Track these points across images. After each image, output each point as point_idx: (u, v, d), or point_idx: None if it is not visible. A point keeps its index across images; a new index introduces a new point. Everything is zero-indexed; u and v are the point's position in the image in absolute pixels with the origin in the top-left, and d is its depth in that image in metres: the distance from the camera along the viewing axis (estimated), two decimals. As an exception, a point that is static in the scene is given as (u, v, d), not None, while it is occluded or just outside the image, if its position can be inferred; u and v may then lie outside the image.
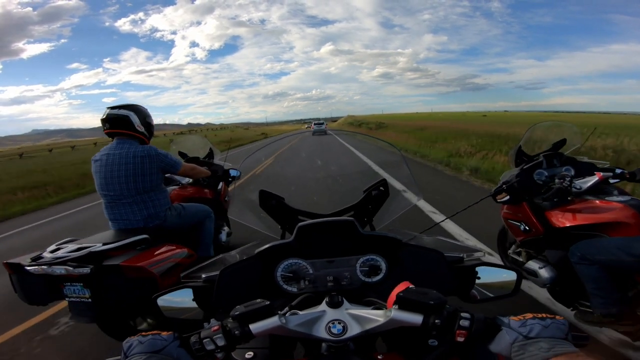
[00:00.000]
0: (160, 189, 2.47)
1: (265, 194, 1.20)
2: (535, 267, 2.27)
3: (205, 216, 2.84)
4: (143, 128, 2.46)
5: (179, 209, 2.61)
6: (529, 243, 2.42)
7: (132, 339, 0.65)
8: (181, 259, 2.23)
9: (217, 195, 3.45)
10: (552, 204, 2.18)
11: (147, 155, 2.35)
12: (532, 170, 2.41)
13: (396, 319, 0.67)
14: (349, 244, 0.98)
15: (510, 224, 2.52)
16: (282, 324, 0.68)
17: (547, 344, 0.59)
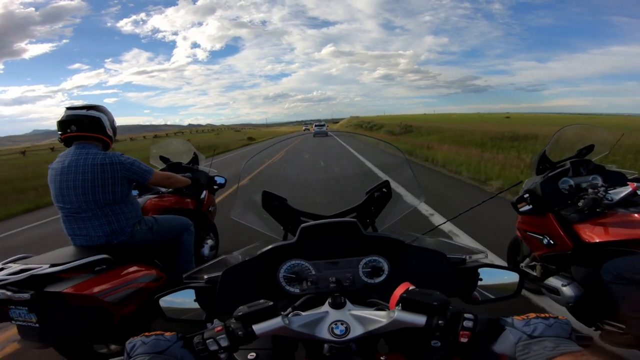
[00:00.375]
0: (126, 201, 2.19)
1: (268, 195, 1.21)
2: (558, 285, 2.06)
3: (183, 230, 2.55)
4: (112, 131, 2.22)
5: (150, 223, 2.33)
6: (551, 258, 2.23)
7: (135, 339, 0.66)
8: (146, 283, 2.01)
9: (199, 205, 3.12)
10: (582, 217, 2.00)
11: (109, 163, 2.06)
12: (557, 178, 2.23)
13: (399, 320, 0.67)
14: (352, 245, 0.99)
15: (529, 236, 2.35)
16: (285, 325, 0.68)
17: (552, 342, 0.59)
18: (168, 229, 2.45)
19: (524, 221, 2.39)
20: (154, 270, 2.11)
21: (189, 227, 2.58)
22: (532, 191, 2.22)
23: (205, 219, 3.18)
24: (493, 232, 3.87)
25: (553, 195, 2.17)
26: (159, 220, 2.41)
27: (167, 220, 2.49)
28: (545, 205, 2.18)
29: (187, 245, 2.54)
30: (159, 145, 3.63)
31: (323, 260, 0.98)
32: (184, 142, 3.79)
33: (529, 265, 2.53)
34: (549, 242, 2.16)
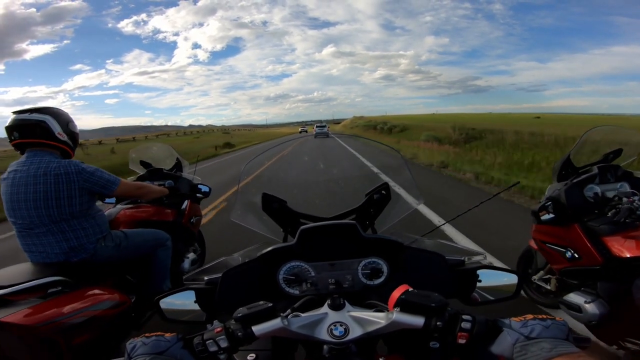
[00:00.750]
0: (88, 215, 1.96)
1: (267, 197, 1.21)
2: (580, 301, 1.89)
3: (157, 245, 2.29)
4: (66, 137, 1.95)
5: (118, 239, 2.09)
6: (573, 272, 2.05)
7: (135, 340, 0.66)
8: (104, 310, 1.77)
9: (179, 217, 2.79)
10: (613, 229, 1.85)
11: (64, 174, 1.83)
12: (582, 185, 2.04)
13: (398, 322, 0.68)
14: (351, 247, 0.99)
15: (547, 248, 2.17)
16: (285, 326, 0.68)
17: (549, 344, 0.59)
18: (139, 245, 2.21)
19: (543, 231, 2.21)
20: (116, 294, 1.87)
21: (165, 242, 2.33)
22: (556, 199, 2.06)
23: (187, 232, 2.88)
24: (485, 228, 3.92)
25: (579, 204, 2.00)
26: (129, 236, 2.18)
27: (139, 235, 2.24)
28: (570, 215, 2.01)
29: (162, 262, 2.30)
30: (138, 150, 3.34)
31: (322, 262, 0.98)
32: (166, 146, 3.46)
33: (543, 279, 2.40)
34: (572, 255, 1.99)
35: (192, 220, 2.93)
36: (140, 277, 2.26)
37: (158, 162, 3.11)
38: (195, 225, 3.04)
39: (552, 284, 2.31)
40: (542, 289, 2.40)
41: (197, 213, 3.06)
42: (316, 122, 45.83)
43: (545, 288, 2.37)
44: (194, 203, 2.98)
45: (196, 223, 3.03)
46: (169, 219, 2.67)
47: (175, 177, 2.91)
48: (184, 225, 2.81)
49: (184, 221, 2.82)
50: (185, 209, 2.87)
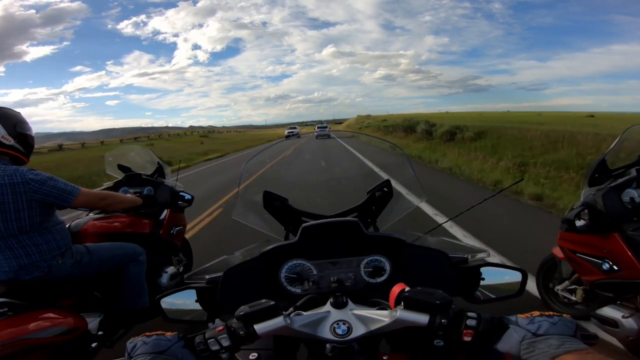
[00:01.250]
0: (42, 230, 1.74)
1: (269, 195, 1.20)
2: (617, 316, 1.78)
3: (128, 260, 2.07)
4: (13, 140, 1.71)
5: (80, 255, 1.87)
6: (608, 285, 1.91)
7: (136, 339, 0.66)
8: (52, 337, 1.58)
9: (157, 228, 2.52)
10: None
11: (9, 184, 1.62)
12: (620, 190, 1.89)
13: (402, 319, 0.67)
14: (353, 244, 0.98)
15: (578, 258, 2.00)
16: (287, 325, 0.68)
17: (557, 340, 0.58)
18: (106, 261, 1.98)
19: (574, 240, 2.03)
20: (69, 318, 1.67)
21: (138, 257, 2.11)
22: (592, 205, 1.89)
23: (166, 244, 2.62)
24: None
25: (618, 210, 1.84)
26: (94, 251, 1.95)
27: (105, 250, 2.01)
28: (609, 223, 1.85)
29: (134, 278, 2.08)
30: (115, 153, 3.08)
31: (324, 260, 0.98)
32: (146, 150, 3.18)
33: (567, 289, 2.27)
34: (610, 267, 1.84)
35: (172, 232, 2.66)
36: (108, 293, 2.06)
37: (138, 167, 2.87)
38: (178, 236, 2.76)
39: (578, 295, 2.18)
40: (566, 299, 2.28)
41: (180, 223, 2.80)
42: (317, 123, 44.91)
43: (570, 299, 2.24)
44: (175, 212, 2.71)
45: (178, 234, 2.77)
46: (144, 231, 2.43)
47: (155, 184, 2.66)
48: (162, 237, 2.55)
49: (162, 233, 2.55)
50: (164, 220, 2.60)
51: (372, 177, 1.42)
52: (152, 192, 2.59)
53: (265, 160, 1.40)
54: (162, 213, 2.61)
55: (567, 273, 2.28)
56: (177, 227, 2.73)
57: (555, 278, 2.40)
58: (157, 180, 2.71)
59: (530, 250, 3.37)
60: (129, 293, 2.07)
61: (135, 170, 2.79)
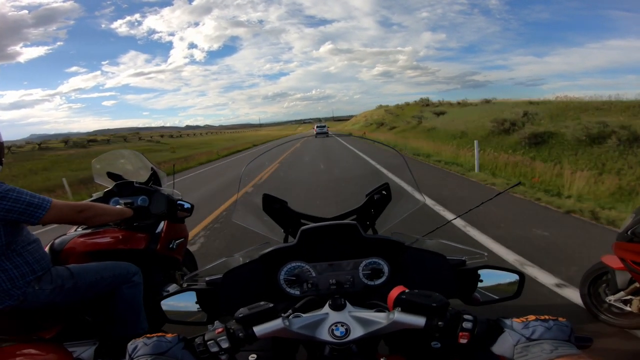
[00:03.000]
0: (10, 252, 1.50)
1: (268, 197, 1.21)
2: None
3: (120, 281, 1.79)
4: None
5: (60, 279, 1.60)
6: None
7: (137, 340, 0.66)
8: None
9: (153, 243, 2.21)
10: None
11: None
12: None
13: (399, 321, 0.68)
14: (352, 247, 0.99)
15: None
16: (286, 326, 0.68)
17: (550, 345, 0.59)
18: (92, 285, 1.70)
19: (637, 251, 2.00)
20: (52, 354, 1.43)
21: (131, 278, 1.84)
22: None
23: (165, 260, 2.33)
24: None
25: None
26: (78, 274, 1.67)
27: (91, 272, 1.72)
28: None
29: (129, 301, 1.82)
30: (103, 159, 2.69)
31: (323, 263, 0.98)
32: (137, 154, 2.79)
33: (622, 300, 2.24)
34: None
35: (172, 246, 2.34)
36: (103, 318, 1.82)
37: (130, 174, 2.57)
38: (178, 249, 2.46)
39: (634, 305, 2.17)
40: (619, 309, 2.25)
41: (180, 234, 2.49)
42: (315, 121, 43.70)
43: (624, 309, 2.22)
44: (174, 223, 2.39)
45: (179, 247, 2.47)
46: (139, 247, 2.12)
47: (149, 192, 2.37)
48: (160, 252, 2.24)
49: (160, 248, 2.23)
50: (161, 232, 2.29)
51: (371, 178, 1.43)
52: (146, 201, 2.32)
53: (265, 163, 1.40)
54: (159, 225, 2.31)
55: (622, 283, 2.24)
56: (177, 240, 2.42)
57: (607, 288, 2.35)
58: (152, 189, 2.41)
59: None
60: (124, 318, 1.81)
61: (127, 177, 2.49)
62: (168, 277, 2.39)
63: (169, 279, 2.39)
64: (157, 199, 2.33)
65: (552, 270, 2.84)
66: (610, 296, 2.29)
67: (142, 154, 2.74)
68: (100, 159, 2.67)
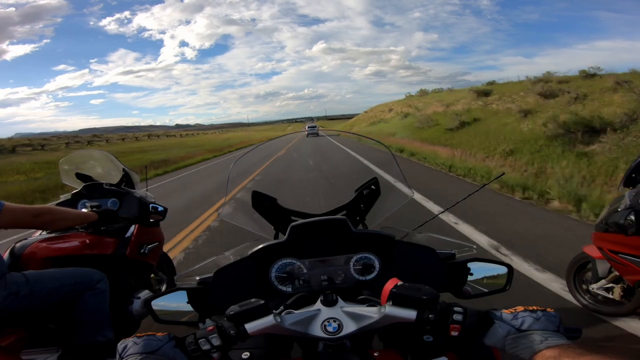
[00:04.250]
0: None
1: (257, 195, 1.20)
2: None
3: (83, 288, 1.68)
4: None
5: (17, 284, 1.52)
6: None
7: (126, 340, 0.65)
8: None
9: (122, 248, 2.08)
10: None
11: None
12: None
13: (390, 315, 0.68)
14: (342, 242, 0.99)
15: (621, 259, 2.05)
16: (277, 323, 0.68)
17: (540, 336, 0.60)
18: (51, 292, 1.59)
19: (615, 241, 2.07)
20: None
21: (95, 285, 1.72)
22: (637, 208, 1.92)
23: (136, 265, 2.20)
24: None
25: None
26: (35, 280, 1.57)
27: (50, 279, 1.62)
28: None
29: (93, 309, 1.71)
30: (71, 159, 2.54)
31: (314, 259, 0.98)
32: (107, 155, 2.61)
33: (604, 288, 2.32)
34: None
35: (143, 250, 2.20)
36: (67, 325, 1.70)
37: (100, 175, 2.44)
38: (152, 254, 2.31)
39: (615, 293, 2.24)
40: (602, 297, 2.33)
41: (154, 238, 2.34)
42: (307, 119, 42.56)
43: (607, 297, 2.30)
44: (146, 227, 2.26)
45: (152, 251, 2.31)
46: (106, 252, 1.99)
47: (120, 194, 2.26)
48: (130, 257, 2.11)
49: (129, 253, 2.10)
50: (132, 237, 2.14)
51: (360, 173, 1.43)
52: (116, 204, 2.22)
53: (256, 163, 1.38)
54: (130, 229, 2.16)
55: (603, 272, 2.32)
56: (150, 245, 2.26)
57: (590, 277, 2.42)
58: (123, 190, 2.30)
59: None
60: (88, 327, 1.69)
61: (98, 179, 2.36)
62: (141, 282, 2.27)
63: (143, 284, 2.29)
64: (128, 202, 2.23)
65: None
66: (594, 284, 2.36)
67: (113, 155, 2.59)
68: (68, 160, 2.53)
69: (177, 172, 13.48)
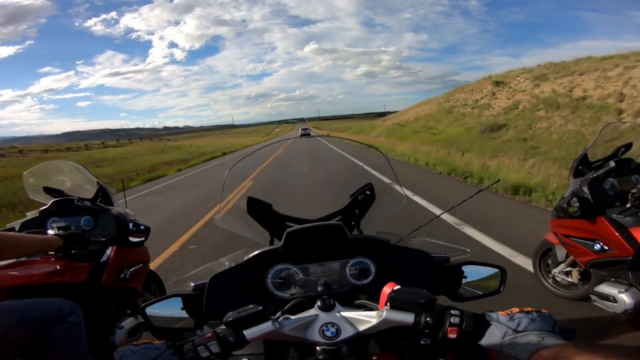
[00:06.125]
0: None
1: (252, 201, 1.20)
2: (613, 292, 1.98)
3: (51, 322, 1.45)
4: None
5: None
6: (602, 264, 2.09)
7: (123, 348, 0.65)
8: None
9: (97, 274, 1.82)
10: (638, 219, 1.92)
11: None
12: (602, 179, 2.15)
13: (388, 319, 0.69)
14: (338, 248, 0.99)
15: (571, 242, 2.21)
16: (276, 329, 0.68)
17: (536, 336, 0.62)
18: (11, 327, 1.36)
19: (566, 225, 2.24)
20: None
21: (66, 318, 1.49)
22: (579, 194, 2.12)
23: (115, 292, 1.94)
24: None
25: (601, 197, 2.08)
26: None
27: (9, 313, 1.38)
28: (595, 208, 2.07)
29: (65, 344, 1.48)
30: (38, 172, 2.24)
31: (310, 264, 0.98)
32: (77, 166, 2.30)
33: (563, 272, 2.46)
34: (601, 247, 2.04)
35: (124, 275, 1.94)
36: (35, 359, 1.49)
37: (72, 189, 2.17)
38: (136, 277, 2.05)
39: (574, 276, 2.36)
40: (563, 281, 2.46)
41: (137, 260, 2.08)
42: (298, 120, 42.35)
43: (567, 280, 2.43)
44: (126, 248, 1.99)
45: (135, 275, 2.04)
46: (79, 280, 1.75)
47: (95, 212, 2.00)
48: (106, 285, 1.84)
49: (105, 279, 1.84)
50: (108, 261, 1.88)
51: (354, 179, 1.43)
52: (91, 223, 1.98)
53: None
54: (104, 253, 1.90)
55: (562, 256, 2.47)
56: (132, 268, 2.00)
57: (551, 262, 2.59)
58: (98, 207, 2.02)
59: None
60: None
61: (70, 193, 2.10)
62: (124, 308, 2.03)
63: (130, 309, 2.06)
64: (104, 220, 1.98)
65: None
66: (555, 269, 2.52)
67: (85, 167, 2.29)
68: (34, 172, 2.21)
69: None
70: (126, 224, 1.99)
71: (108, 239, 1.91)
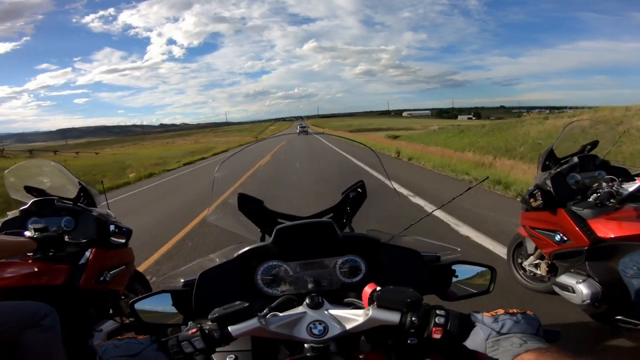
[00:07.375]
0: None
1: (244, 197, 1.19)
2: (572, 282, 2.02)
3: (24, 325, 1.43)
4: None
5: None
6: (563, 255, 2.15)
7: (107, 342, 0.64)
8: None
9: (75, 276, 1.78)
10: (595, 212, 1.99)
11: None
12: (565, 174, 2.25)
13: (374, 318, 0.68)
14: (328, 245, 0.99)
15: (536, 233, 2.30)
16: (262, 326, 0.68)
17: (520, 339, 0.61)
18: None
19: (532, 218, 2.33)
20: None
21: (40, 321, 1.46)
22: (542, 187, 2.21)
23: (94, 295, 1.90)
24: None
25: (563, 190, 2.17)
26: None
27: None
28: (556, 200, 2.16)
29: (39, 348, 1.46)
30: (19, 170, 2.23)
31: (300, 261, 0.98)
32: (59, 167, 2.28)
33: (533, 264, 2.51)
34: (561, 238, 2.11)
35: (104, 278, 1.90)
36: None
37: (54, 189, 2.15)
38: (117, 279, 2.01)
39: (542, 268, 2.43)
40: (533, 273, 2.52)
41: (120, 262, 2.04)
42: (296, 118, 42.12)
43: (536, 273, 2.49)
44: (107, 250, 1.95)
45: (117, 277, 2.00)
46: (57, 282, 1.71)
47: (75, 212, 1.98)
48: (84, 288, 1.80)
49: (83, 282, 1.79)
50: (87, 263, 1.83)
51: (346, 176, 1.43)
52: (71, 224, 1.95)
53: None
54: (83, 255, 1.85)
55: (531, 249, 2.55)
56: (114, 270, 1.96)
57: (522, 255, 2.66)
58: (78, 208, 2.00)
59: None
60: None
61: (52, 193, 2.08)
62: (104, 311, 2.01)
63: (112, 311, 2.04)
64: (85, 221, 1.96)
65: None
66: (525, 262, 2.58)
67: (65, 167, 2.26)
68: (14, 171, 2.21)
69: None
70: (107, 225, 1.98)
71: (89, 241, 1.89)
